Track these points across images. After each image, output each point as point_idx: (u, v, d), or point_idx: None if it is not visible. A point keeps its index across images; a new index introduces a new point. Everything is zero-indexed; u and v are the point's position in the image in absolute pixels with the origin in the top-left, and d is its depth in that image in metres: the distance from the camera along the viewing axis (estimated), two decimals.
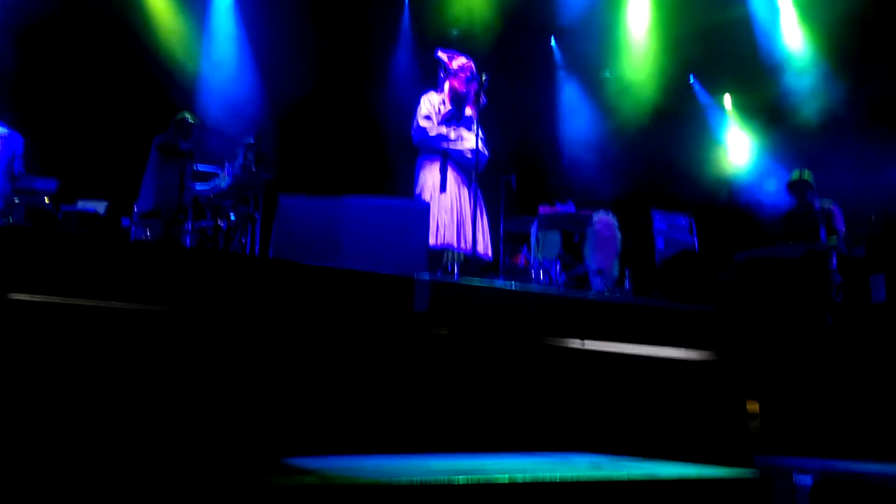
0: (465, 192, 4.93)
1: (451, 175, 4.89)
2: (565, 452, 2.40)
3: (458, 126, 5.00)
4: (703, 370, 2.94)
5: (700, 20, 8.69)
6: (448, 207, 4.79)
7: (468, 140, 4.93)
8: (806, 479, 2.25)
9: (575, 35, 9.20)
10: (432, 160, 4.93)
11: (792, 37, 8.82)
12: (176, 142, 6.06)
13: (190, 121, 6.29)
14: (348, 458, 2.04)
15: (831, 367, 3.28)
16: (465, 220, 4.84)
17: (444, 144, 4.91)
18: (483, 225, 4.96)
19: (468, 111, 5.03)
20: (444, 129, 4.92)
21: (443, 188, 4.82)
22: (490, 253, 5.06)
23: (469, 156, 4.88)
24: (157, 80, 7.73)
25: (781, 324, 3.18)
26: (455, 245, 4.76)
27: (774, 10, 8.87)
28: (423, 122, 4.91)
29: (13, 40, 7.04)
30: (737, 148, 9.72)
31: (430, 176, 4.89)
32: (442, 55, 5.15)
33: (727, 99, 9.97)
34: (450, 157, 4.92)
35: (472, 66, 5.04)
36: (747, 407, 2.86)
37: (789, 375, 3.12)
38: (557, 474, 1.79)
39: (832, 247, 5.73)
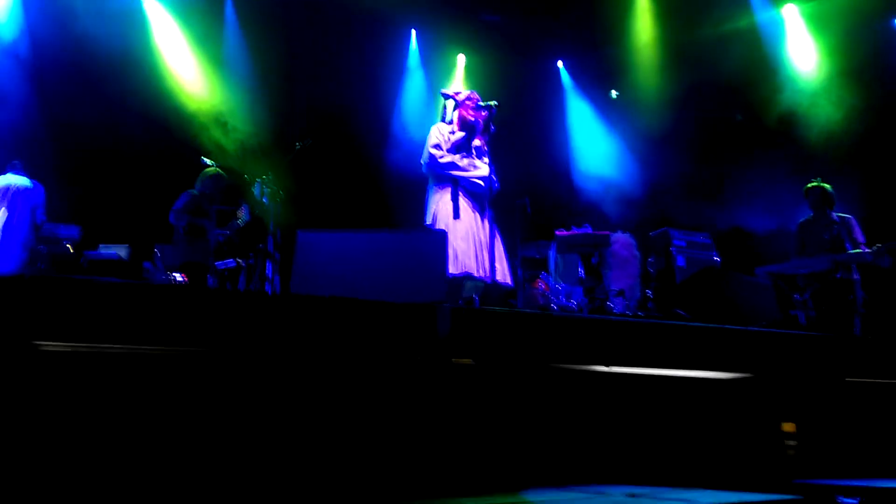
0: (478, 219, 4.90)
1: (463, 202, 4.87)
2: (600, 485, 2.35)
3: (469, 156, 5.00)
4: (737, 391, 2.88)
5: (706, 34, 8.71)
6: (464, 234, 4.76)
7: (480, 169, 4.94)
8: (850, 501, 2.18)
9: (582, 55, 9.24)
10: (443, 188, 4.91)
11: (800, 49, 8.81)
12: (206, 216, 5.97)
13: (223, 174, 6.28)
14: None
15: (865, 381, 3.21)
16: (482, 248, 4.81)
17: (454, 172, 4.90)
18: (500, 252, 4.93)
19: (477, 142, 5.05)
20: (454, 157, 4.93)
21: (456, 215, 4.80)
22: (510, 280, 5.03)
23: (481, 184, 4.88)
24: (172, 123, 7.84)
25: (813, 339, 3.12)
26: (474, 272, 4.73)
27: (780, 23, 8.88)
28: (432, 151, 4.93)
29: (33, 90, 7.19)
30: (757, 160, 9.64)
31: (441, 204, 4.87)
32: (447, 91, 5.24)
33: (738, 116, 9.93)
34: (460, 185, 4.90)
35: (478, 97, 5.08)
36: (784, 428, 2.80)
37: (825, 392, 3.05)
38: None
39: (857, 255, 5.62)
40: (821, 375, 3.05)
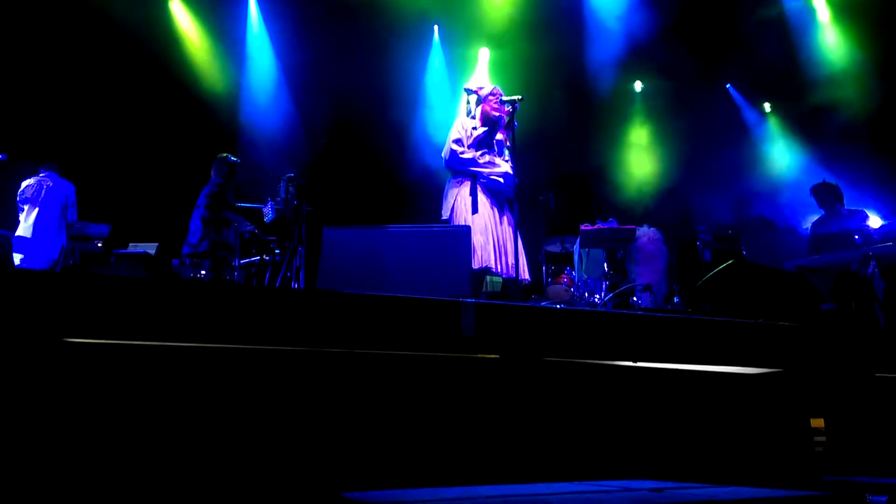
0: (496, 215, 4.88)
1: (482, 198, 4.85)
2: (625, 480, 2.34)
3: (490, 153, 4.98)
4: (765, 387, 2.85)
5: (735, 25, 8.58)
6: (482, 228, 4.75)
7: (500, 166, 4.92)
8: (880, 499, 2.15)
9: (607, 47, 9.14)
10: (462, 183, 4.91)
11: (829, 40, 8.66)
12: (230, 206, 6.09)
13: (236, 160, 6.38)
14: (403, 492, 2.02)
15: (895, 376, 3.15)
16: (500, 243, 4.80)
17: (474, 168, 4.89)
18: (519, 247, 4.91)
19: (499, 136, 5.03)
20: (475, 154, 4.91)
21: (475, 209, 4.79)
22: (528, 275, 5.00)
23: (501, 181, 4.86)
24: (199, 120, 7.95)
25: (842, 334, 3.07)
26: (493, 266, 4.72)
27: (811, 12, 8.74)
28: (453, 146, 4.93)
29: (63, 91, 7.33)
30: (778, 157, 9.51)
31: (460, 199, 4.86)
32: (470, 86, 5.22)
33: (766, 107, 9.80)
34: (479, 181, 4.89)
35: (501, 92, 5.06)
36: (813, 424, 2.76)
37: (854, 388, 3.00)
38: (616, 502, 1.75)
39: (883, 248, 5.56)
40: (850, 371, 3.00)
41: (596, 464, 2.49)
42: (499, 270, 4.74)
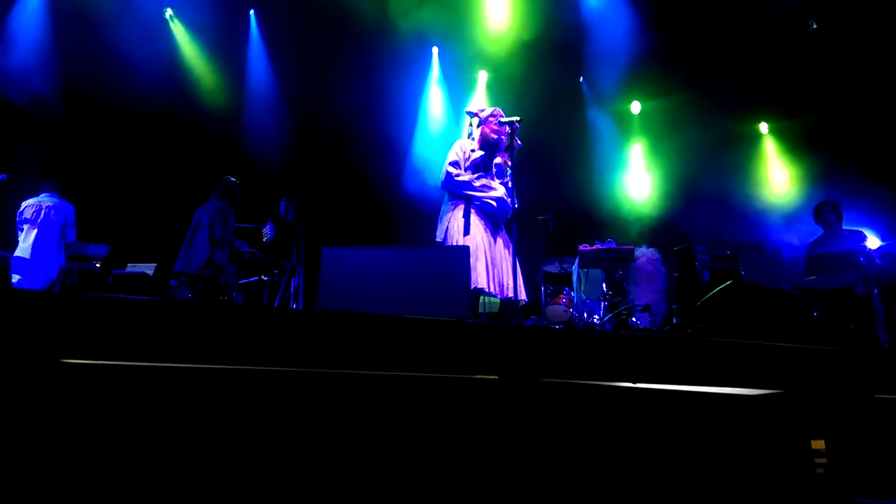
0: (490, 237, 4.88)
1: (475, 219, 4.86)
2: None
3: (487, 175, 4.99)
4: (765, 408, 2.84)
5: (733, 46, 8.65)
6: (474, 249, 4.75)
7: (496, 190, 4.93)
8: None
9: (604, 69, 9.21)
10: (456, 205, 4.93)
11: (824, 61, 8.74)
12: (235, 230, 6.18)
13: (239, 183, 6.41)
14: None
15: (895, 398, 3.14)
16: (494, 265, 4.80)
17: (468, 192, 4.90)
18: (517, 268, 4.90)
19: (498, 159, 5.04)
20: (469, 176, 4.93)
21: (466, 231, 4.79)
22: (526, 296, 5.00)
23: (494, 204, 4.87)
24: (198, 141, 7.99)
25: (842, 355, 3.07)
26: (487, 288, 4.72)
27: (807, 33, 8.82)
28: (449, 168, 4.95)
29: (63, 111, 7.36)
30: (775, 177, 9.55)
31: (454, 220, 4.87)
32: (472, 109, 5.26)
33: (763, 126, 9.86)
34: (473, 203, 4.91)
35: (502, 113, 5.09)
36: (813, 446, 2.75)
37: (854, 409, 2.99)
38: None
39: (884, 270, 5.57)
40: (850, 392, 2.99)
41: (594, 489, 2.47)
42: (492, 291, 4.74)
